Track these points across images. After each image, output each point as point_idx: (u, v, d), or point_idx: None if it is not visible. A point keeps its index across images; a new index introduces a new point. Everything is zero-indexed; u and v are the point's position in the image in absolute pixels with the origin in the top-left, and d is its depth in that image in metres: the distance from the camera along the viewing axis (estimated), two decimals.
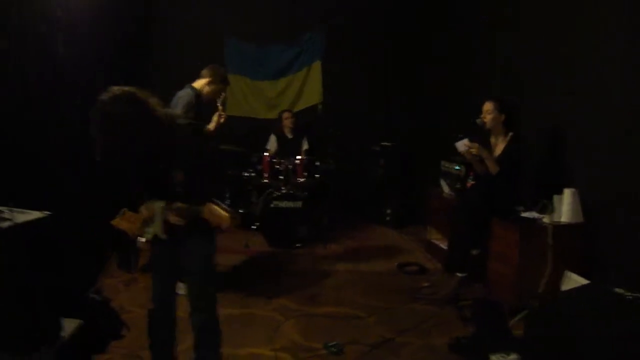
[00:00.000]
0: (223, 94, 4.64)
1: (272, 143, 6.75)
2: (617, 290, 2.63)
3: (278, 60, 7.13)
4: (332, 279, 4.93)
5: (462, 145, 4.35)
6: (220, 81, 4.36)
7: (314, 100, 7.09)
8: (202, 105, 4.32)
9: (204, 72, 4.33)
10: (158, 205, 2.62)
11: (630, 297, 2.54)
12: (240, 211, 6.34)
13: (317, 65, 7.08)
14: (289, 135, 6.76)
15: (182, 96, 4.13)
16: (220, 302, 4.13)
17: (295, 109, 7.02)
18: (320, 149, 6.59)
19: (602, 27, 3.91)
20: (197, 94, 4.26)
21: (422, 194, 6.06)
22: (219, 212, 2.50)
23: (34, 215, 1.94)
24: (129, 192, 2.77)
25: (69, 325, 2.15)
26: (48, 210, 3.48)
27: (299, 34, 7.08)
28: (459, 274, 4.33)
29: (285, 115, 6.70)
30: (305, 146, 6.76)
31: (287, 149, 6.51)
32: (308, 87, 7.15)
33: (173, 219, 2.60)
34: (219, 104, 4.66)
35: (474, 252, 4.41)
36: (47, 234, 1.98)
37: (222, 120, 4.63)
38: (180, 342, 3.08)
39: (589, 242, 3.93)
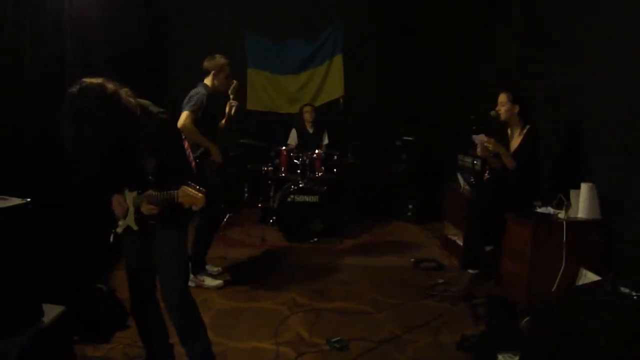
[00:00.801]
0: (235, 82, 4.62)
1: (293, 137, 6.74)
2: (623, 289, 2.51)
3: (299, 54, 7.09)
4: (345, 273, 4.88)
5: (478, 139, 4.23)
6: (222, 68, 4.33)
7: (335, 94, 7.02)
8: (216, 104, 4.32)
9: (206, 65, 4.32)
10: (130, 195, 2.63)
11: (636, 297, 2.42)
12: (259, 205, 6.37)
13: (338, 59, 7.00)
14: (310, 130, 6.73)
15: (192, 95, 4.13)
16: (230, 296, 4.23)
17: (317, 103, 6.98)
18: (341, 144, 6.53)
19: (623, 18, 3.74)
20: (210, 92, 4.25)
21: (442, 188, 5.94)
22: (193, 192, 2.50)
23: (14, 202, 1.97)
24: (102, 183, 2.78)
25: (51, 311, 2.16)
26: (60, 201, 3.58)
27: (319, 28, 7.02)
28: (470, 271, 4.23)
29: (306, 109, 6.68)
30: (325, 140, 6.73)
31: (307, 143, 6.49)
32: (329, 81, 7.09)
33: (146, 207, 2.60)
34: (230, 93, 4.67)
35: (488, 248, 4.30)
36: (27, 221, 2.00)
37: (232, 110, 4.63)
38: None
39: (605, 239, 3.78)
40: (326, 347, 3.45)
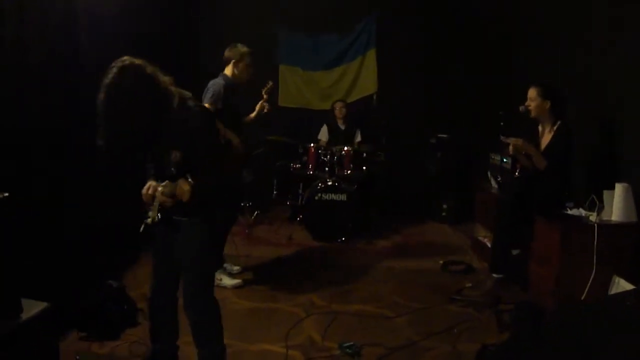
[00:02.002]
0: (270, 82, 4.61)
1: (324, 133, 6.64)
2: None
3: (331, 49, 6.96)
4: (369, 275, 4.75)
5: (509, 140, 4.02)
6: (242, 57, 4.26)
7: (368, 91, 6.88)
8: (234, 93, 4.26)
9: (226, 54, 4.27)
10: (153, 185, 2.58)
11: None
12: (288, 203, 6.30)
13: (371, 54, 6.85)
14: (342, 126, 6.62)
15: (210, 86, 4.10)
16: (247, 296, 4.17)
17: (350, 100, 6.85)
18: (374, 141, 6.38)
19: None
20: (229, 82, 4.21)
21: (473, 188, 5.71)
22: (183, 185, 2.48)
23: None
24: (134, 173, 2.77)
25: (33, 308, 2.14)
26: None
27: (352, 22, 6.87)
28: (495, 275, 4.02)
29: (337, 104, 6.56)
30: (358, 137, 6.59)
31: (338, 139, 6.38)
32: (362, 76, 6.94)
33: (161, 198, 2.54)
34: (264, 94, 4.65)
35: (515, 251, 4.07)
36: (5, 215, 1.99)
37: (265, 111, 4.62)
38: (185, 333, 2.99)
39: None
40: (337, 352, 3.34)
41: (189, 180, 2.50)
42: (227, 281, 4.32)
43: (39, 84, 3.41)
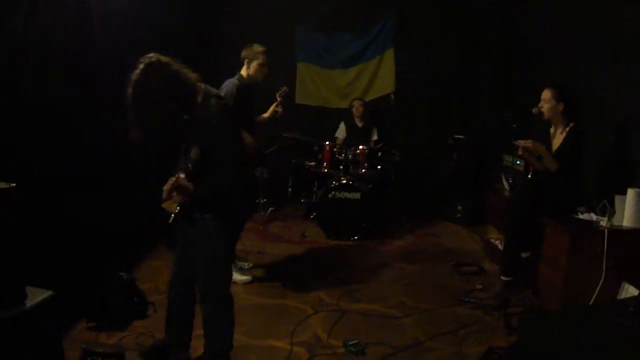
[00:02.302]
0: (285, 87, 4.73)
1: (341, 131, 6.66)
2: None
3: (349, 48, 6.95)
4: (379, 274, 4.75)
5: (519, 142, 3.99)
6: (255, 56, 4.29)
7: (386, 90, 6.87)
8: (248, 93, 4.31)
9: (242, 54, 4.32)
10: (171, 179, 2.66)
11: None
12: (302, 200, 6.33)
13: (389, 53, 6.83)
14: (359, 124, 6.62)
15: (224, 86, 4.17)
16: (256, 291, 4.22)
17: (367, 98, 6.84)
18: (391, 140, 6.37)
19: None
20: (243, 82, 4.26)
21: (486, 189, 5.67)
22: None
23: None
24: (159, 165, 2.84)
25: (37, 295, 2.21)
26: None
27: (370, 22, 6.86)
28: (503, 278, 4.00)
29: (356, 103, 6.56)
30: (375, 136, 6.59)
31: (355, 138, 6.39)
32: (380, 75, 6.92)
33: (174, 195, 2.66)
34: (278, 97, 4.69)
35: (524, 254, 4.04)
36: (11, 205, 2.06)
37: (277, 114, 4.66)
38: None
39: None
40: (342, 350, 3.36)
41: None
42: (238, 277, 4.37)
43: (55, 80, 3.49)
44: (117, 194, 4.18)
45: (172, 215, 2.63)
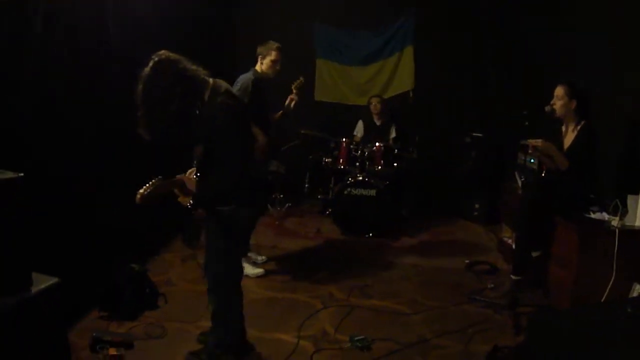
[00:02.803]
0: (301, 78, 4.76)
1: (360, 129, 6.66)
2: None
3: (368, 45, 6.94)
4: (392, 271, 4.77)
5: (529, 141, 3.96)
6: (268, 52, 4.33)
7: (405, 87, 6.84)
8: (262, 90, 4.36)
9: (257, 49, 4.38)
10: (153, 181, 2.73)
11: None
12: (319, 197, 6.38)
13: (409, 51, 6.79)
14: (377, 122, 6.62)
15: (238, 81, 4.23)
16: (267, 285, 4.28)
17: (386, 96, 6.82)
18: (409, 138, 6.36)
19: None
20: (257, 77, 4.31)
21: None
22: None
23: (7, 175, 2.13)
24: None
25: (43, 282, 2.29)
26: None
27: (390, 18, 6.83)
28: (513, 277, 3.98)
29: (373, 100, 6.56)
30: (393, 134, 6.58)
31: (374, 135, 6.38)
32: (399, 73, 6.90)
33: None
34: (293, 88, 4.72)
35: (535, 253, 4.01)
36: (19, 193, 2.15)
37: (292, 104, 4.68)
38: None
39: None
40: (347, 344, 3.40)
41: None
42: (250, 270, 4.43)
43: (71, 76, 3.58)
44: (133, 186, 4.26)
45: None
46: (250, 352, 3.18)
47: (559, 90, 3.94)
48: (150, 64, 2.52)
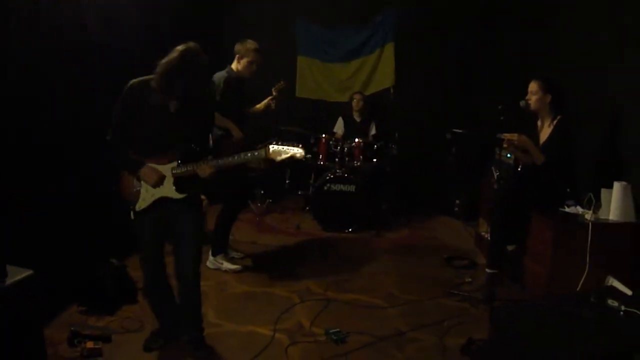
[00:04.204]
0: (282, 82, 4.77)
1: (340, 126, 6.67)
2: (612, 303, 2.26)
3: (349, 42, 6.94)
4: (371, 266, 4.78)
5: (503, 136, 3.99)
6: (247, 52, 4.29)
7: (385, 84, 6.84)
8: (238, 87, 4.34)
9: (235, 47, 4.33)
10: (168, 166, 2.88)
11: (623, 312, 2.16)
12: (299, 193, 6.37)
13: (389, 47, 6.80)
14: (357, 119, 6.63)
15: (213, 79, 4.20)
16: (245, 280, 4.28)
17: (367, 92, 6.84)
18: (390, 134, 6.37)
19: None
20: (231, 76, 4.29)
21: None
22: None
23: None
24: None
25: (16, 274, 2.28)
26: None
27: (370, 15, 6.85)
28: (488, 270, 4.00)
29: (356, 97, 6.57)
30: (373, 131, 6.60)
31: (354, 132, 6.39)
32: (380, 69, 6.90)
33: (206, 170, 2.87)
34: (273, 91, 4.72)
35: (510, 247, 4.05)
36: None
37: (272, 107, 4.68)
38: None
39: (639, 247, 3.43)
40: (323, 337, 3.40)
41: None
42: (228, 265, 4.42)
43: (51, 64, 3.56)
44: (114, 181, 4.24)
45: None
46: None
47: (533, 85, 3.98)
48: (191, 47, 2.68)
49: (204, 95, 2.76)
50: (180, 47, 2.65)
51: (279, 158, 2.85)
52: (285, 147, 2.85)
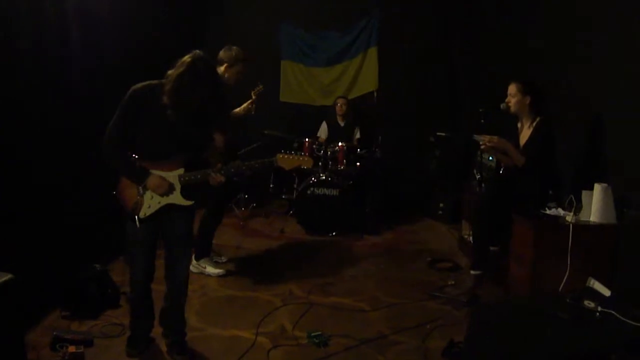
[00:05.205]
0: (260, 86, 4.71)
1: (323, 130, 6.68)
2: (588, 304, 2.28)
3: (333, 46, 6.97)
4: (354, 269, 4.78)
5: (480, 138, 4.03)
6: (235, 62, 4.26)
7: (369, 88, 6.88)
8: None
9: (221, 55, 4.27)
10: (174, 173, 2.90)
11: (599, 313, 2.19)
12: (283, 197, 6.38)
13: (372, 52, 6.84)
14: (341, 123, 6.65)
15: None
16: (228, 284, 4.26)
17: (350, 96, 6.87)
18: (373, 139, 6.40)
19: None
20: None
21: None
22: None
23: None
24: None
25: None
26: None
27: (354, 20, 6.89)
28: (472, 272, 4.03)
29: (340, 101, 6.59)
30: (357, 135, 6.62)
31: (337, 136, 6.40)
32: (363, 74, 6.94)
33: (217, 178, 2.91)
34: (253, 95, 4.69)
35: (493, 248, 4.08)
36: None
37: (252, 112, 4.65)
38: None
39: (619, 248, 3.47)
40: (305, 340, 3.39)
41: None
42: (211, 270, 4.40)
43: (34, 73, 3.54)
44: (97, 185, 4.21)
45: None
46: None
47: (512, 88, 4.01)
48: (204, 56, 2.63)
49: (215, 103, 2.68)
50: (188, 59, 2.54)
51: (287, 167, 2.98)
52: (294, 156, 2.97)
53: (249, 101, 4.66)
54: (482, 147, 4.05)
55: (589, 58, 4.08)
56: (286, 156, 2.99)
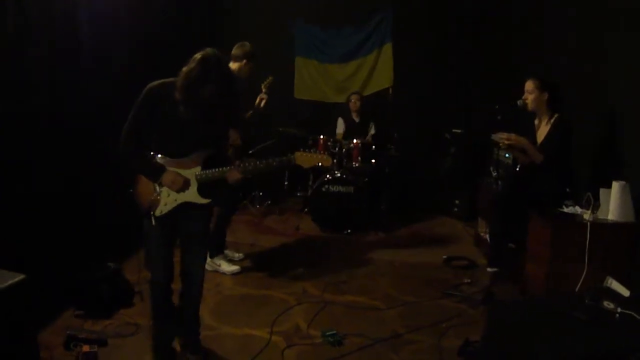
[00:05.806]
0: (270, 77, 4.68)
1: (340, 126, 6.64)
2: (607, 304, 2.23)
3: (347, 42, 6.94)
4: (369, 267, 4.76)
5: (499, 137, 3.97)
6: (249, 59, 4.28)
7: (384, 84, 6.84)
8: (235, 90, 4.31)
9: (234, 52, 4.29)
10: (192, 171, 2.87)
11: (619, 314, 2.14)
12: (298, 194, 6.36)
13: (387, 48, 6.80)
14: (356, 119, 6.61)
15: None
16: (243, 282, 4.26)
17: (365, 93, 6.82)
18: (389, 135, 6.36)
19: None
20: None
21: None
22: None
23: None
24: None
25: (8, 278, 2.27)
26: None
27: (368, 16, 6.85)
28: (489, 269, 3.98)
29: (354, 97, 6.55)
30: (372, 131, 6.58)
31: (353, 132, 6.37)
32: (378, 70, 6.90)
33: (235, 176, 2.89)
34: (263, 87, 4.68)
35: (510, 245, 4.03)
36: None
37: (262, 103, 4.64)
38: None
39: (638, 247, 3.41)
40: (319, 340, 3.38)
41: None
42: (226, 267, 4.41)
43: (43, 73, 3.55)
44: (110, 184, 4.24)
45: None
46: None
47: (529, 84, 3.96)
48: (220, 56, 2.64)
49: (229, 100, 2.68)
50: (198, 56, 2.55)
51: (306, 165, 2.94)
52: (312, 154, 2.92)
53: (260, 95, 4.64)
54: (501, 145, 3.99)
55: (605, 54, 4.01)
56: (305, 154, 2.93)
